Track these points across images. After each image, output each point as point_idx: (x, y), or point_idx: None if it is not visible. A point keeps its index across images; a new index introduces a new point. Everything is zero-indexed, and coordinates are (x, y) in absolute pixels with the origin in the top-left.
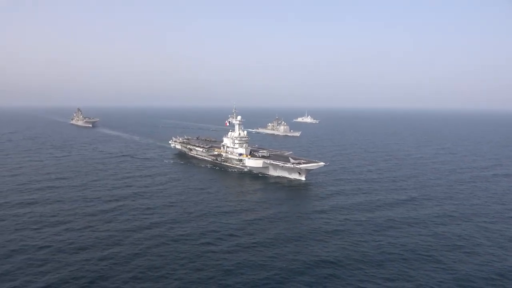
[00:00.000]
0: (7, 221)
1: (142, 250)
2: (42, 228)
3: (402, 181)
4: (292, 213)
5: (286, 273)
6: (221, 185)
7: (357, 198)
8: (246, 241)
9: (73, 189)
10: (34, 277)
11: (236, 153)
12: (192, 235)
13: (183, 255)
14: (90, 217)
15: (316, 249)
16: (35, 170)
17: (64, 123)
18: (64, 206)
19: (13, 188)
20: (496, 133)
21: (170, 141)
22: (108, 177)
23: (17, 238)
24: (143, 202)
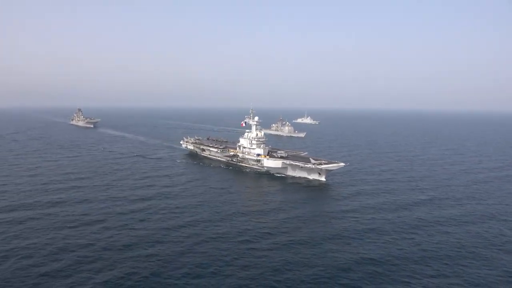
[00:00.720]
0: (42, 220)
1: (185, 248)
2: (79, 227)
3: (417, 181)
4: (320, 212)
5: (332, 270)
6: (240, 185)
7: (379, 198)
8: (282, 239)
9: (96, 189)
10: (88, 273)
11: (254, 153)
12: (229, 234)
13: (226, 252)
14: (123, 216)
15: (353, 247)
16: (51, 170)
17: (63, 123)
18: (93, 205)
19: (37, 188)
20: (495, 134)
21: (181, 141)
22: (127, 177)
23: (57, 236)
24: (170, 202)
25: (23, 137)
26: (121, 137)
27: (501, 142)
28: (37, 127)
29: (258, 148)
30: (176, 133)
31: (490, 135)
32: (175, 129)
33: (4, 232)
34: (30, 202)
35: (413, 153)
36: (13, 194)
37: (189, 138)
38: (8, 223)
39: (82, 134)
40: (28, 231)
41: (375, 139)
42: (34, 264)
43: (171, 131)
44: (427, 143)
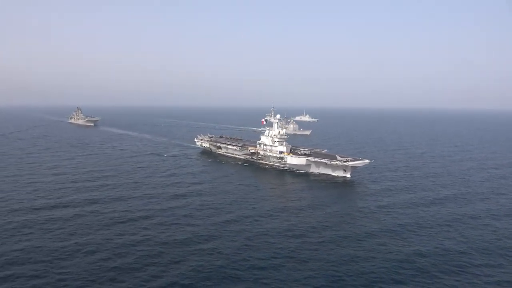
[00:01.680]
0: (88, 217)
1: (239, 242)
2: (127, 222)
3: (436, 176)
4: (355, 207)
5: (386, 262)
6: (266, 182)
7: (407, 194)
8: (328, 233)
9: (127, 187)
10: (157, 266)
11: (276, 151)
12: (276, 229)
13: (280, 245)
14: (165, 212)
15: (399, 240)
16: (73, 168)
17: (61, 122)
18: (131, 202)
19: (67, 187)
20: (491, 131)
21: (195, 139)
22: (151, 175)
23: (110, 232)
24: (205, 199)
25: (27, 135)
26: (126, 135)
27: (502, 139)
28: (37, 126)
29: (280, 145)
30: (181, 131)
31: (486, 133)
32: (176, 128)
33: (59, 228)
34: (68, 200)
35: (421, 150)
36: (46, 193)
37: (203, 136)
38: (57, 220)
39: (86, 133)
40: (81, 228)
41: (379, 137)
42: (102, 258)
43: (173, 129)
44: (432, 140)
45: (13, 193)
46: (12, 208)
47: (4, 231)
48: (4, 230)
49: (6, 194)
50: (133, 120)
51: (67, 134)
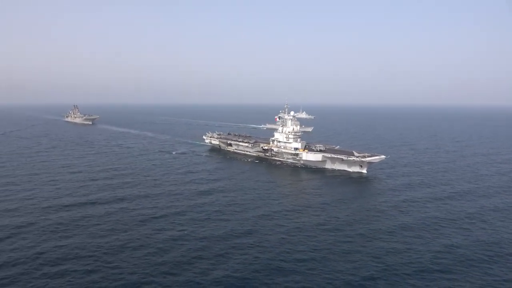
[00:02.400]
0: (119, 214)
1: (279, 236)
2: (160, 218)
3: (448, 171)
4: (380, 203)
5: (428, 253)
6: (283, 178)
7: (427, 188)
8: (360, 227)
9: (149, 184)
10: (212, 261)
11: (291, 147)
12: (309, 223)
13: (317, 238)
14: (195, 209)
15: (434, 233)
16: (89, 167)
17: (57, 120)
18: (157, 200)
19: (88, 185)
20: (485, 127)
21: (204, 136)
22: (169, 172)
23: (148, 228)
24: (230, 195)
25: (27, 134)
26: (127, 133)
27: (499, 135)
28: (34, 124)
29: (295, 142)
30: (181, 129)
31: (479, 129)
32: (174, 125)
33: (95, 225)
34: (95, 198)
35: (424, 146)
36: (70, 191)
37: (212, 134)
38: (90, 217)
39: (86, 131)
40: (117, 224)
41: (380, 134)
42: (149, 253)
43: (172, 126)
44: (432, 137)
45: (37, 191)
46: (42, 206)
47: (43, 228)
48: (42, 227)
49: (31, 193)
50: (130, 118)
51: (68, 133)
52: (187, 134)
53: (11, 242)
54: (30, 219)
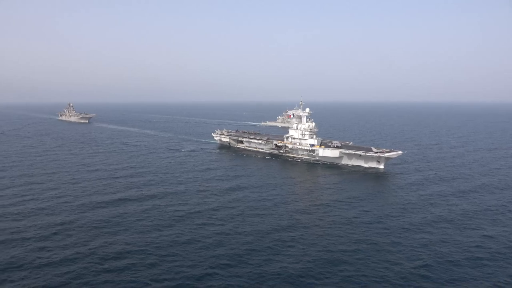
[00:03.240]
0: (155, 210)
1: (318, 230)
2: (199, 213)
3: (461, 166)
4: (407, 198)
5: (470, 243)
6: (303, 174)
7: (448, 183)
8: (398, 221)
9: (171, 182)
10: (263, 254)
11: (307, 144)
12: (343, 217)
13: (354, 230)
14: (229, 205)
15: (470, 225)
16: (106, 165)
17: (50, 119)
18: (187, 197)
19: (112, 183)
20: (478, 124)
21: (213, 134)
22: (189, 169)
23: (190, 223)
24: (256, 191)
25: (26, 133)
26: (127, 131)
27: (495, 131)
28: (30, 123)
29: (311, 138)
30: (180, 126)
31: (473, 125)
32: (172, 123)
33: (137, 220)
34: (125, 196)
35: (426, 142)
36: (96, 189)
37: (222, 131)
38: (128, 215)
39: (86, 130)
40: (158, 221)
41: (381, 130)
42: (203, 247)
43: (170, 124)
44: (433, 132)
45: (64, 190)
46: (75, 204)
47: (86, 225)
48: (83, 224)
49: (58, 191)
50: (125, 116)
51: (67, 131)
52: (190, 132)
53: (60, 239)
54: (68, 217)
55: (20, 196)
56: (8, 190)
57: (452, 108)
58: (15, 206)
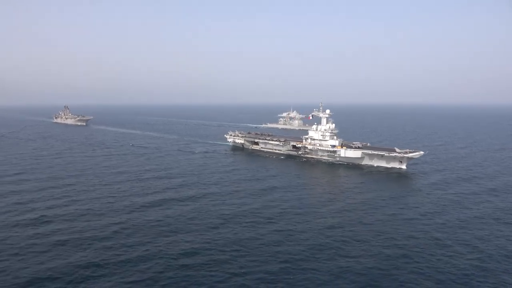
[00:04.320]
0: (204, 212)
1: (371, 228)
2: (246, 212)
3: (479, 166)
4: (438, 197)
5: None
6: (327, 175)
7: (473, 182)
8: (438, 217)
9: (205, 182)
10: (334, 251)
11: (327, 145)
12: (386, 214)
13: (401, 227)
14: (269, 203)
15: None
16: (131, 167)
17: (45, 121)
18: (227, 198)
19: (144, 185)
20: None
21: (227, 135)
22: (215, 171)
23: (239, 224)
24: (293, 191)
25: (28, 136)
26: (130, 133)
27: (498, 132)
28: (27, 126)
29: (332, 139)
30: (180, 128)
31: (477, 126)
32: (170, 125)
33: (192, 219)
34: (166, 197)
35: (434, 143)
36: (133, 191)
37: (236, 133)
38: (179, 215)
39: (87, 132)
40: (214, 219)
41: (381, 132)
42: (267, 244)
43: (169, 127)
44: (432, 134)
45: (100, 192)
46: (121, 206)
47: (142, 226)
48: (138, 224)
49: (97, 193)
50: (120, 118)
51: (69, 134)
52: (194, 134)
53: (123, 238)
54: (119, 218)
55: (58, 198)
56: (44, 192)
57: (453, 110)
58: (59, 208)
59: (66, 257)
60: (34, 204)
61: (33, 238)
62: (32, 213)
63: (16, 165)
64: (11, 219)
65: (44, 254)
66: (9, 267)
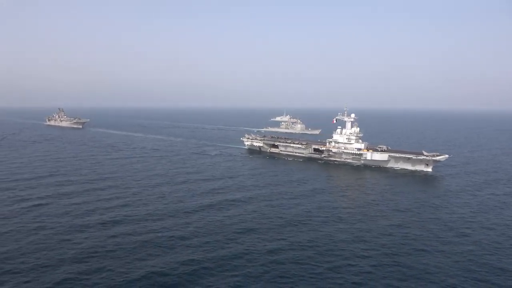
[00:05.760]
0: (262, 215)
1: (427, 228)
2: (300, 217)
3: (503, 171)
4: (474, 197)
5: None
6: (357, 178)
7: (504, 184)
8: (483, 219)
9: (244, 185)
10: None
11: (353, 148)
12: (427, 217)
13: (445, 229)
14: (322, 205)
15: None
16: (165, 169)
17: (38, 124)
18: (274, 200)
19: (190, 188)
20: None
21: (243, 138)
22: (247, 174)
23: (309, 226)
24: (331, 195)
25: (29, 138)
26: (133, 136)
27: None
28: (23, 128)
29: (357, 142)
30: (181, 132)
31: (480, 132)
32: (167, 129)
33: (261, 219)
34: (214, 201)
35: (437, 147)
36: (182, 193)
37: (253, 136)
38: (246, 215)
39: (88, 135)
40: (277, 221)
41: (385, 137)
42: (350, 241)
43: (172, 130)
44: (433, 139)
45: (146, 195)
46: (178, 207)
47: (213, 225)
48: (209, 223)
49: (145, 196)
50: (116, 121)
51: (71, 137)
52: (200, 137)
53: (201, 236)
54: (188, 219)
55: (110, 199)
56: (94, 194)
57: (450, 116)
58: (120, 209)
59: (159, 255)
60: (91, 206)
61: (118, 237)
62: (97, 214)
63: (42, 167)
64: (77, 220)
65: (135, 253)
66: (110, 264)
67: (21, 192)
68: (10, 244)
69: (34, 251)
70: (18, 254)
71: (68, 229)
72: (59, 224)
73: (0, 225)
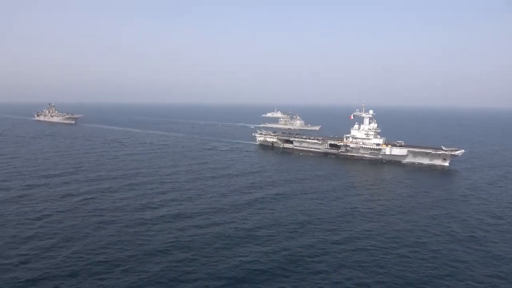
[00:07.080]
0: (297, 210)
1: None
2: (330, 214)
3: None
4: (497, 191)
5: None
6: (377, 174)
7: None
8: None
9: (274, 182)
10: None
11: (372, 143)
12: (462, 210)
13: (482, 224)
14: (343, 204)
15: None
16: (186, 166)
17: (25, 120)
18: (300, 199)
19: (224, 182)
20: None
21: (257, 134)
22: (271, 170)
23: (347, 223)
24: (358, 190)
25: (26, 134)
26: (132, 132)
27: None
28: (15, 123)
29: (375, 138)
30: (178, 127)
31: (481, 130)
32: (163, 124)
33: (293, 214)
34: (262, 195)
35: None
36: (217, 188)
37: (266, 132)
38: (282, 211)
39: (85, 131)
40: (317, 215)
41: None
42: (395, 237)
43: (168, 126)
44: (432, 136)
45: (179, 190)
46: (218, 204)
47: (258, 217)
48: (252, 215)
49: (177, 192)
50: (108, 117)
51: (69, 132)
52: (200, 132)
53: (267, 228)
54: (240, 213)
55: (152, 195)
56: (133, 190)
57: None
58: (168, 205)
59: (238, 245)
60: (139, 201)
61: (186, 230)
62: (150, 209)
63: (62, 163)
64: (137, 215)
65: (212, 244)
66: (195, 254)
67: (60, 188)
68: (84, 238)
69: (115, 243)
70: (97, 246)
71: (134, 222)
72: (122, 218)
73: (67, 218)
